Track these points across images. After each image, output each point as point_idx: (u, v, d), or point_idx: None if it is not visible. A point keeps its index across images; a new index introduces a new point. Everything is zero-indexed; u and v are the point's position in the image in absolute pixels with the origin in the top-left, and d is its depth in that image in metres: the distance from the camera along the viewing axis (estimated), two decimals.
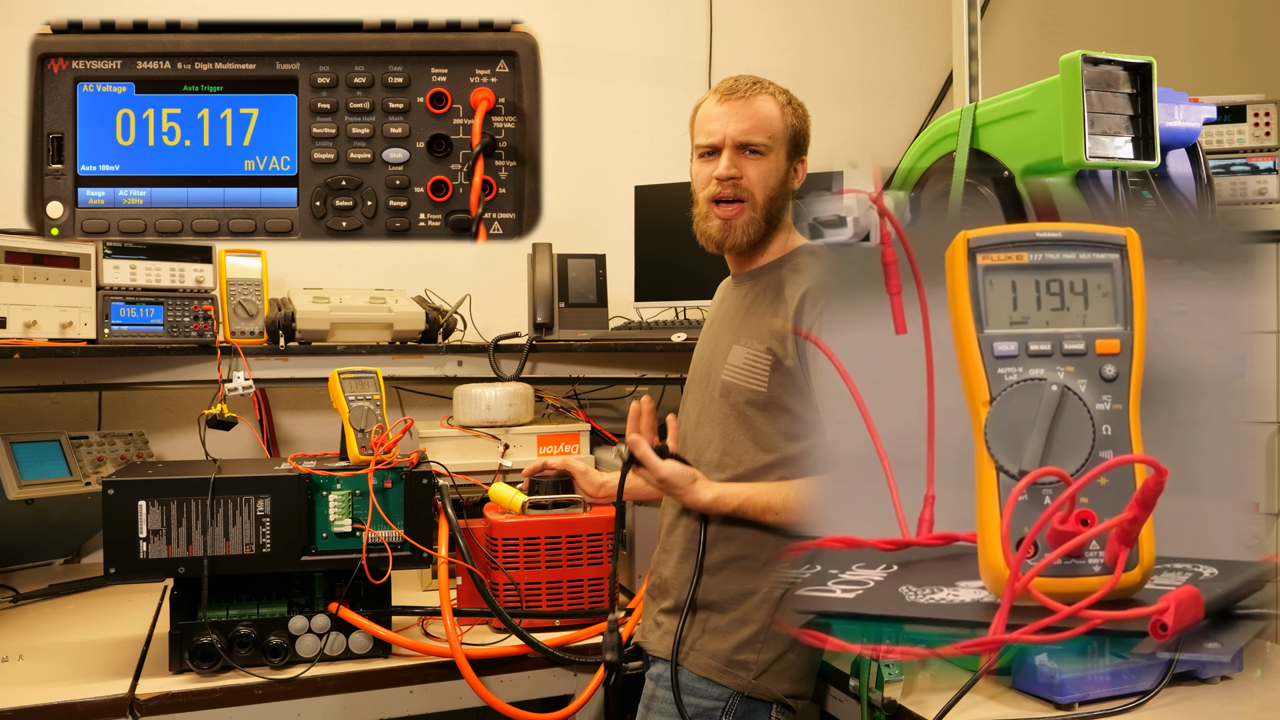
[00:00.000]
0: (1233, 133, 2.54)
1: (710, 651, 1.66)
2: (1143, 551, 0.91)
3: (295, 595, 1.78)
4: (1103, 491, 0.92)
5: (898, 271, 1.13)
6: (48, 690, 1.62)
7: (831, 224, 1.12)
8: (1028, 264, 0.98)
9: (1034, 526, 0.90)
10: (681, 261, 1.82)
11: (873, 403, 1.17)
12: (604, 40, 3.09)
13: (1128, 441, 0.94)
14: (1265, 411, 1.57)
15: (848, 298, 1.21)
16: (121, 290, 2.24)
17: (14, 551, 2.36)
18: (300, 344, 2.35)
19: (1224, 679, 1.53)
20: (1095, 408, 0.94)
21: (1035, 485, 0.93)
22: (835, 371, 1.16)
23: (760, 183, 1.68)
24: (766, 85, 1.72)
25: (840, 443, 1.21)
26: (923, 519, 1.18)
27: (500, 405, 2.26)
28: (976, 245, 0.98)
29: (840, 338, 1.18)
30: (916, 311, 1.14)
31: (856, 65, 3.38)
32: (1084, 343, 0.95)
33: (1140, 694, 1.47)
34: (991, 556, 0.93)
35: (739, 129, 1.67)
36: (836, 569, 1.10)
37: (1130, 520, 0.88)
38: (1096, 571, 0.91)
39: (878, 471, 1.17)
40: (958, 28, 2.83)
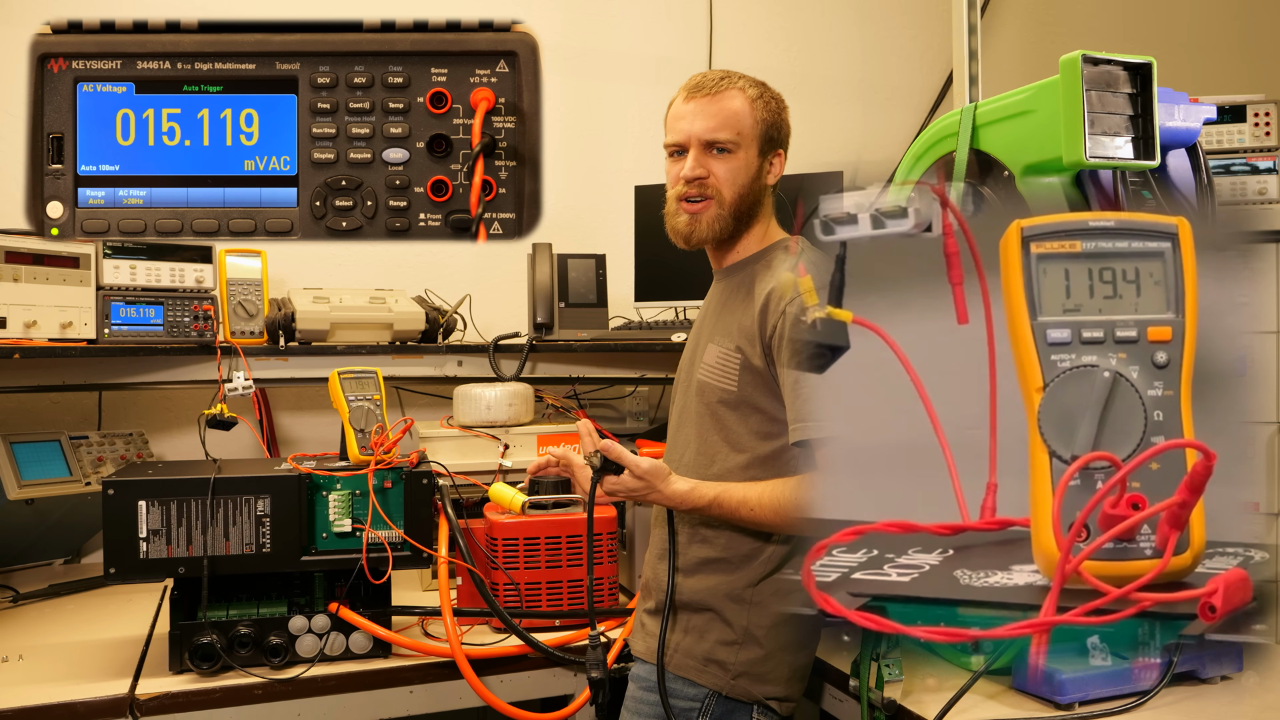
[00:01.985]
0: (1233, 133, 2.54)
1: (686, 651, 1.66)
2: (1193, 535, 0.93)
3: (295, 595, 1.78)
4: (1154, 476, 0.94)
5: (959, 262, 1.14)
6: (48, 690, 1.62)
7: (893, 215, 1.12)
8: (1081, 252, 1.00)
9: (1085, 509, 0.91)
10: (681, 261, 1.82)
11: (929, 393, 1.19)
12: (604, 40, 3.09)
13: (1179, 427, 0.95)
14: (1265, 411, 1.57)
15: (903, 289, 1.22)
16: (121, 290, 2.24)
17: (14, 551, 2.36)
18: (300, 344, 2.35)
19: (1224, 679, 1.53)
20: (1147, 394, 0.95)
21: (1087, 470, 0.95)
22: (842, 365, 1.16)
23: (728, 181, 1.65)
24: (735, 80, 1.67)
25: (898, 432, 1.22)
26: (985, 506, 1.19)
27: (500, 405, 2.26)
28: (1030, 234, 1.00)
29: (896, 330, 1.19)
30: (975, 301, 1.15)
31: (856, 65, 3.38)
32: (1136, 330, 0.97)
33: (1140, 694, 1.47)
34: (1043, 540, 0.95)
35: (704, 127, 1.64)
36: (893, 553, 1.12)
37: (1180, 504, 0.90)
38: (1148, 555, 0.93)
39: (940, 463, 1.18)
40: (958, 28, 2.83)
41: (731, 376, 1.63)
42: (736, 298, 1.68)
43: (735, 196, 1.66)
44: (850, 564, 1.11)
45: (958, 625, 0.94)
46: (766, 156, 1.68)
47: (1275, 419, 1.66)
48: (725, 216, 1.66)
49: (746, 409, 1.63)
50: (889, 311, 1.19)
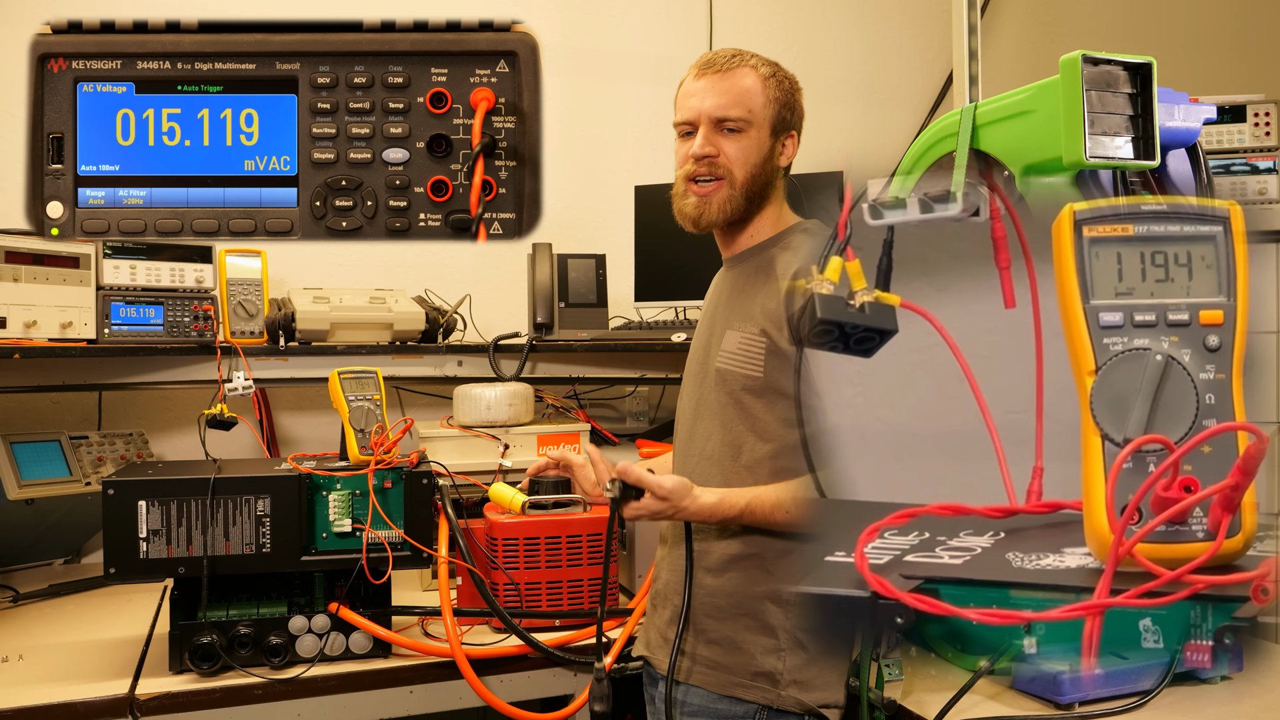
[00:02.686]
0: (1233, 133, 2.54)
1: (726, 665, 1.55)
2: (1245, 518, 0.93)
3: (295, 595, 1.78)
4: (1206, 459, 0.94)
5: (1007, 246, 1.14)
6: (48, 690, 1.62)
7: (940, 199, 1.12)
8: (1133, 236, 1.00)
9: (1138, 492, 0.92)
10: (681, 261, 1.81)
11: (978, 377, 1.19)
12: (604, 40, 3.09)
13: (1230, 411, 0.96)
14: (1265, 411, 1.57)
15: (948, 273, 1.23)
16: (121, 290, 2.24)
17: (14, 551, 2.36)
18: (300, 344, 2.35)
19: (1224, 679, 1.53)
20: (1199, 377, 0.96)
21: (1140, 453, 0.95)
22: (890, 349, 1.16)
23: (739, 160, 1.59)
24: (748, 58, 1.62)
25: (945, 417, 1.23)
26: (1031, 490, 1.20)
27: (500, 405, 2.26)
28: (1082, 218, 1.01)
29: (942, 314, 1.20)
30: (1023, 287, 1.16)
31: (856, 65, 3.38)
32: (1188, 313, 0.97)
33: (1140, 694, 1.47)
34: (1096, 522, 0.96)
35: (715, 104, 1.58)
36: (945, 536, 1.12)
37: (1233, 487, 0.90)
38: (1200, 538, 0.93)
39: (986, 447, 1.18)
40: (958, 28, 2.83)
41: (757, 362, 1.56)
42: (756, 281, 1.61)
43: (747, 176, 1.60)
44: (902, 546, 1.11)
45: (1011, 608, 0.94)
46: (779, 137, 1.63)
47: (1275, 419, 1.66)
48: (736, 197, 1.60)
49: (773, 395, 1.55)
50: (934, 297, 1.20)
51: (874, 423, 1.41)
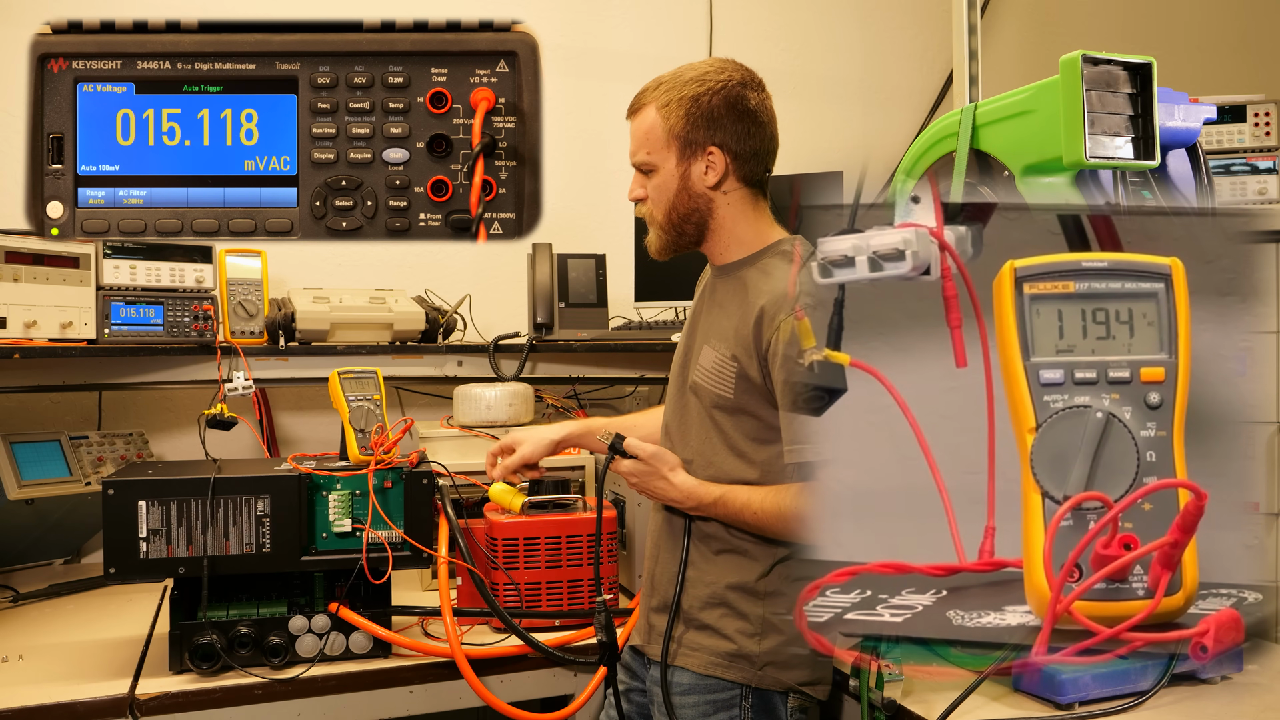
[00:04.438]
0: (1233, 133, 2.54)
1: (709, 647, 1.63)
2: (1186, 576, 0.93)
3: (295, 595, 1.78)
4: (1146, 517, 0.94)
5: (958, 304, 1.13)
6: (48, 690, 1.62)
7: (890, 257, 1.12)
8: (1074, 293, 1.00)
9: (1076, 549, 0.91)
10: (681, 261, 1.81)
11: (932, 437, 1.19)
12: (604, 40, 3.09)
13: (1171, 468, 0.96)
14: (1265, 411, 1.57)
15: (908, 332, 1.22)
16: (121, 290, 2.24)
17: (14, 551, 2.36)
18: (300, 344, 2.35)
19: (1224, 679, 1.53)
20: (1140, 435, 0.96)
21: (1081, 511, 0.95)
22: (843, 407, 1.16)
23: (657, 200, 1.64)
24: (650, 90, 1.64)
25: (902, 476, 1.23)
26: (983, 549, 1.19)
27: (500, 405, 2.26)
28: (1023, 274, 1.01)
29: (897, 373, 1.19)
30: (974, 343, 1.15)
31: (856, 65, 3.38)
32: (1129, 370, 0.98)
33: (1140, 694, 1.47)
34: (1035, 579, 0.95)
35: (631, 151, 1.66)
36: (886, 594, 1.12)
37: (1172, 544, 0.90)
38: (1140, 595, 0.93)
39: (938, 505, 1.18)
40: (958, 28, 2.82)
41: (728, 384, 1.61)
42: (731, 301, 1.64)
43: (664, 214, 1.64)
44: (844, 604, 1.11)
45: (953, 664, 0.94)
46: (689, 161, 1.61)
47: (1275, 419, 1.66)
48: (664, 235, 1.66)
49: (743, 415, 1.61)
50: (892, 356, 1.20)
51: (831, 483, 1.41)
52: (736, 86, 1.60)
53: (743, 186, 1.64)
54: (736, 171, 1.62)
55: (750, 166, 1.63)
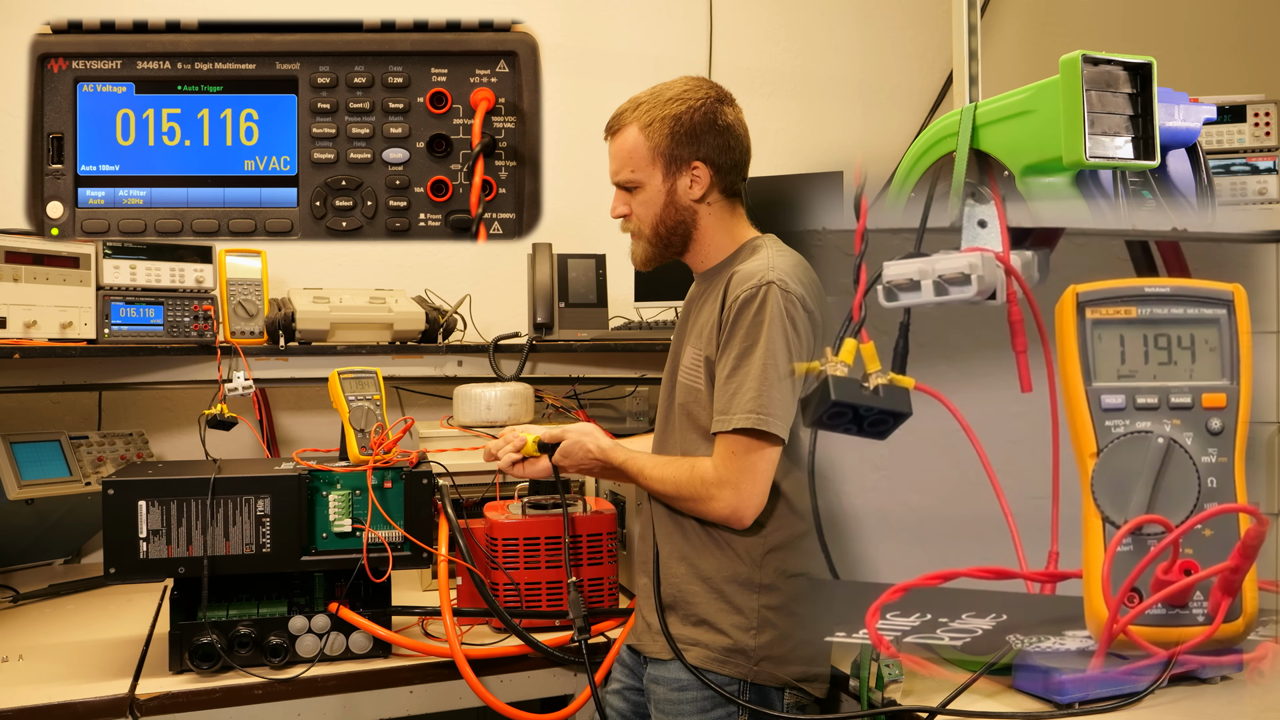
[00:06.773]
0: (1233, 133, 2.54)
1: (705, 643, 1.63)
2: (1246, 601, 0.94)
3: (295, 595, 1.78)
4: (1207, 542, 0.94)
5: (1024, 330, 1.13)
6: (48, 690, 1.62)
7: (955, 281, 1.11)
8: (1136, 318, 1.01)
9: (1133, 572, 0.91)
10: (681, 262, 1.82)
11: (998, 462, 1.19)
12: (604, 40, 3.09)
13: (1233, 494, 0.96)
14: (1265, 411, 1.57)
15: (974, 357, 1.22)
16: (121, 290, 2.24)
17: (14, 551, 2.35)
18: (300, 344, 2.35)
19: (1224, 679, 1.53)
20: (1201, 460, 0.96)
21: (1141, 535, 0.95)
22: (909, 433, 1.16)
23: (643, 216, 1.70)
24: (630, 110, 1.69)
25: (966, 501, 1.22)
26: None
27: (500, 405, 2.26)
28: (1085, 299, 1.01)
29: (963, 398, 1.19)
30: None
31: (856, 65, 3.38)
32: (1190, 396, 0.98)
33: (1140, 694, 1.47)
34: (1094, 602, 0.96)
35: (613, 170, 1.71)
36: (946, 617, 1.13)
37: (1232, 569, 0.90)
38: (1200, 621, 0.94)
39: (1002, 530, 1.18)
40: (958, 28, 2.82)
41: (699, 375, 1.65)
42: (708, 303, 1.68)
43: (653, 227, 1.70)
44: (904, 627, 1.11)
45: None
46: (675, 176, 1.67)
47: (1275, 419, 1.66)
48: (651, 248, 1.72)
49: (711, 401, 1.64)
50: (959, 380, 1.19)
51: (897, 507, 1.40)
52: (714, 103, 1.69)
53: (723, 197, 1.71)
54: (719, 183, 1.69)
55: (730, 177, 1.70)
